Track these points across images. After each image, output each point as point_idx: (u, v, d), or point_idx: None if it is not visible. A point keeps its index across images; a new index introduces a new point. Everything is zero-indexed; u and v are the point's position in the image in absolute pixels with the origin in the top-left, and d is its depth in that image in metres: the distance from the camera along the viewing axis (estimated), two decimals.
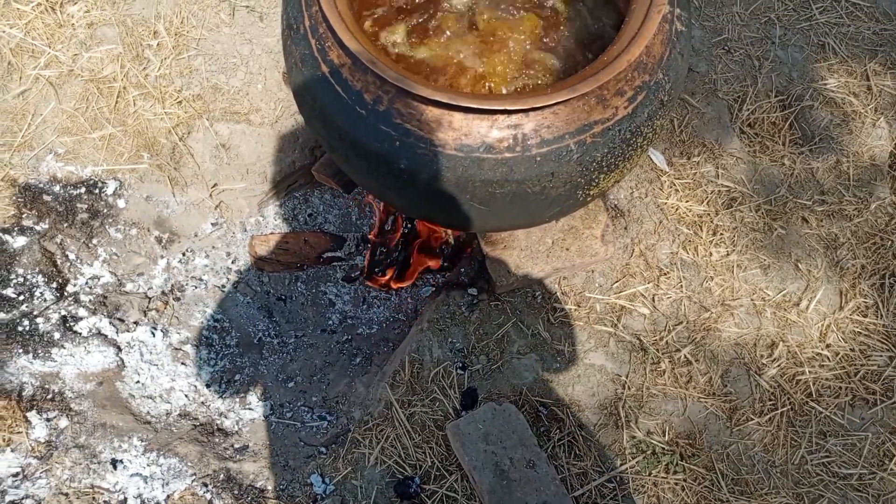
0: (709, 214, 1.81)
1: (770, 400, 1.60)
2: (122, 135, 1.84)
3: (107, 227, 1.81)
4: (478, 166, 1.21)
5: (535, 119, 1.19)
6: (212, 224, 1.96)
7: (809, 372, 1.63)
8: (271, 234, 1.99)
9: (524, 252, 1.64)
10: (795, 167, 1.87)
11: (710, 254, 1.76)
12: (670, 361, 1.62)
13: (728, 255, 1.76)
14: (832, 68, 2.01)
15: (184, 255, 1.90)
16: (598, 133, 1.22)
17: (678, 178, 1.84)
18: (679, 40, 1.32)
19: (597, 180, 1.30)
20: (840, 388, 1.62)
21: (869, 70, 2.00)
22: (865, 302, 1.72)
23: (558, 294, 1.67)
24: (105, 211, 1.81)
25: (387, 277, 1.84)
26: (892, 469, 1.54)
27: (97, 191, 1.82)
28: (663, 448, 1.55)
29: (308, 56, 1.27)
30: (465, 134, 1.19)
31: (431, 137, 1.20)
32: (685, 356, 1.63)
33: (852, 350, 1.66)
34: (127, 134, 1.85)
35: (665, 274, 1.72)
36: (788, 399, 1.60)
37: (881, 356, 1.66)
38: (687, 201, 1.81)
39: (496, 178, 1.22)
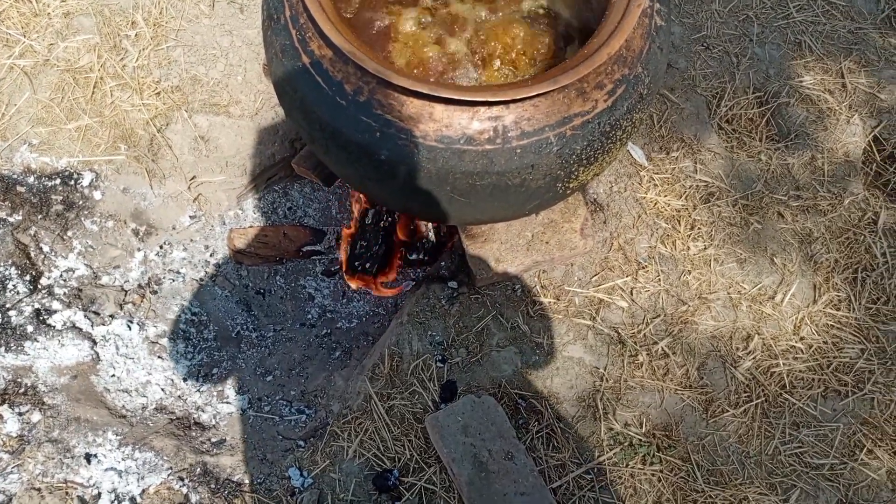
0: (687, 209, 1.82)
1: (745, 392, 1.62)
2: (99, 126, 1.82)
3: (82, 219, 1.78)
4: (458, 158, 1.21)
5: (515, 111, 1.19)
6: (190, 217, 1.94)
7: (783, 364, 1.65)
8: (250, 227, 1.97)
9: (504, 245, 1.65)
10: (772, 163, 1.90)
11: (688, 248, 1.78)
12: (648, 354, 1.64)
13: (705, 248, 1.78)
14: (808, 66, 2.04)
15: (161, 247, 1.88)
16: (578, 126, 1.23)
17: (657, 173, 1.86)
18: (658, 35, 1.33)
19: (576, 173, 1.30)
20: (813, 379, 1.64)
21: (844, 68, 2.03)
22: (838, 295, 1.75)
23: (538, 287, 1.68)
24: (80, 203, 1.79)
25: (372, 279, 1.83)
26: (862, 459, 1.57)
27: (72, 182, 1.80)
28: (640, 440, 1.56)
29: (288, 47, 1.27)
30: (446, 125, 1.19)
31: (412, 128, 1.20)
32: (662, 349, 1.65)
33: (825, 343, 1.69)
34: (104, 125, 1.82)
35: (643, 267, 1.73)
36: (763, 391, 1.62)
37: (853, 349, 1.68)
38: (665, 196, 1.83)
39: (476, 169, 1.22)
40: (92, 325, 1.73)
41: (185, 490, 1.54)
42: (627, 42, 1.25)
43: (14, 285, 1.70)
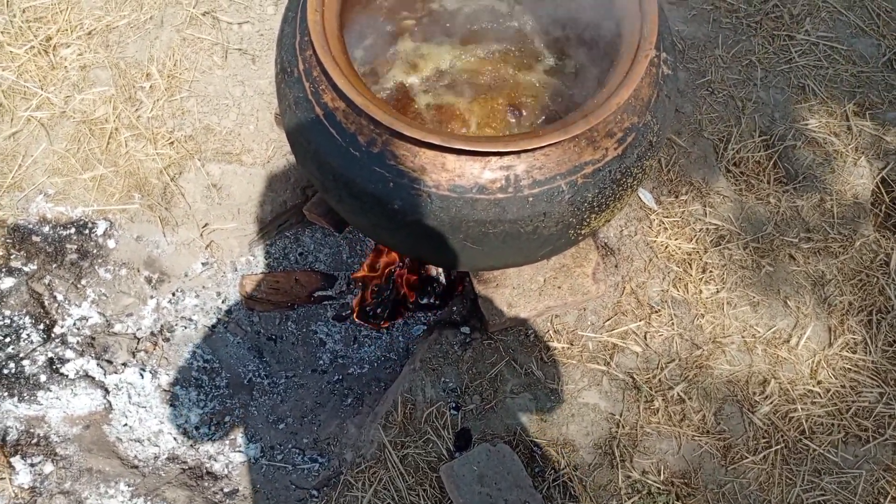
0: (698, 252, 1.82)
1: (763, 437, 1.60)
2: (114, 175, 1.85)
3: (96, 267, 1.80)
4: (471, 207, 1.22)
5: (526, 160, 1.20)
6: (202, 264, 1.95)
7: (802, 409, 1.63)
8: (262, 273, 1.98)
9: (516, 290, 1.65)
10: (781, 205, 1.90)
11: (701, 291, 1.77)
12: (663, 399, 1.62)
13: (718, 292, 1.77)
14: (813, 109, 2.06)
15: (174, 295, 1.89)
16: (589, 174, 1.24)
17: (667, 217, 1.87)
18: (666, 83, 1.35)
19: (588, 220, 1.31)
20: (832, 424, 1.62)
21: (848, 111, 2.05)
22: (854, 338, 1.73)
23: (551, 332, 1.68)
24: (95, 251, 1.81)
25: (381, 321, 1.83)
26: None
27: (87, 231, 1.81)
28: (659, 488, 1.53)
29: (302, 99, 1.29)
30: (459, 175, 1.21)
31: (425, 178, 1.21)
32: (678, 394, 1.63)
33: (843, 387, 1.67)
34: (118, 174, 1.85)
35: (656, 311, 1.73)
36: (782, 436, 1.60)
37: (871, 392, 1.67)
38: (676, 239, 1.83)
39: (489, 218, 1.23)
40: (105, 374, 1.73)
41: None
42: (636, 91, 1.27)
43: (28, 334, 1.70)
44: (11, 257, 1.76)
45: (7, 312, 1.71)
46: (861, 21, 2.21)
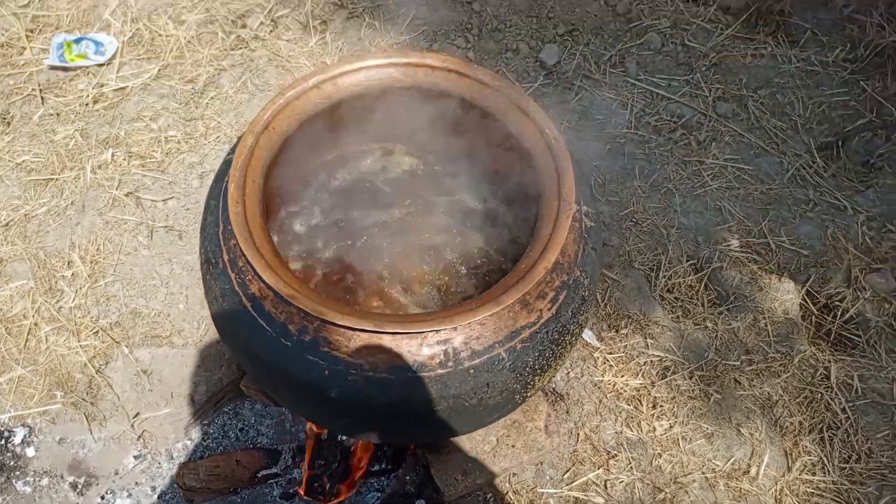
0: (646, 387, 1.81)
1: None
2: (33, 375, 1.74)
3: (13, 481, 1.65)
4: (411, 386, 1.18)
5: (463, 332, 1.18)
6: (134, 457, 1.82)
7: None
8: (200, 459, 1.86)
9: (469, 455, 1.58)
10: (718, 329, 1.93)
11: (654, 428, 1.74)
12: None
13: (671, 427, 1.75)
14: (732, 229, 2.14)
15: (103, 498, 1.74)
16: (527, 338, 1.22)
17: (610, 353, 1.86)
18: (590, 236, 1.38)
19: (532, 382, 1.28)
20: None
21: (764, 228, 2.14)
22: (811, 459, 1.72)
23: (510, 494, 1.60)
24: (11, 463, 1.66)
25: (331, 496, 1.73)
26: None
27: (2, 441, 1.68)
28: None
29: (228, 290, 1.26)
30: (395, 355, 1.17)
31: (361, 363, 1.17)
32: None
33: None
34: (38, 373, 1.75)
35: (613, 456, 1.69)
36: None
37: None
38: (622, 376, 1.82)
39: (431, 396, 1.19)
40: None
41: None
42: (562, 250, 1.29)
43: None
44: None
45: None
46: (762, 141, 2.36)
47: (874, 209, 2.17)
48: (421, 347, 1.17)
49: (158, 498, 1.79)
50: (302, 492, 1.80)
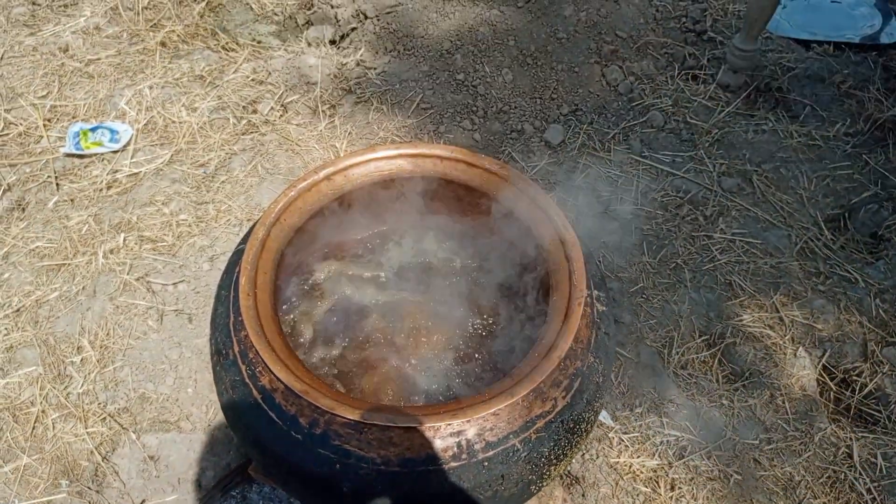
0: (663, 468, 1.77)
1: None
2: (38, 463, 1.71)
3: None
4: (424, 480, 1.16)
5: (477, 423, 1.17)
6: None
7: None
8: None
9: None
10: (734, 406, 1.89)
11: None
12: None
13: None
14: (743, 304, 2.13)
15: None
16: (542, 427, 1.20)
17: (625, 433, 1.83)
18: (602, 321, 1.37)
19: (548, 472, 1.25)
20: None
21: (776, 302, 2.13)
22: None
23: None
24: None
25: None
26: None
27: None
28: None
29: (239, 382, 1.25)
30: (407, 448, 1.15)
31: (373, 456, 1.15)
32: None
33: None
34: (43, 461, 1.72)
35: None
36: None
37: None
38: (638, 457, 1.78)
39: (445, 490, 1.16)
40: None
41: None
42: (576, 336, 1.28)
43: None
44: None
45: None
46: (768, 215, 2.37)
47: (886, 281, 2.15)
48: (434, 440, 1.15)
49: None
50: None
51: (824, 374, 1.99)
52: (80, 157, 2.34)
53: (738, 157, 2.50)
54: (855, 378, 1.96)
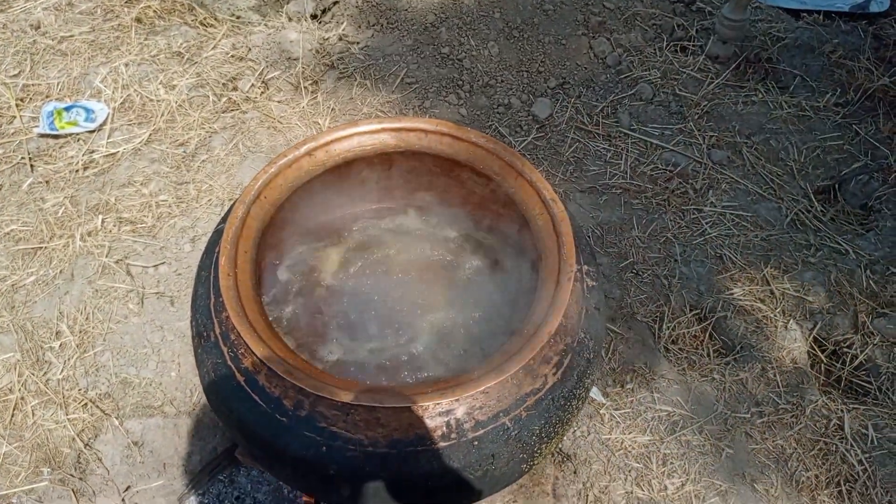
0: (654, 443, 1.75)
1: None
2: (19, 451, 1.68)
3: None
4: (414, 461, 1.13)
5: (466, 402, 1.14)
6: None
7: None
8: None
9: None
10: (726, 380, 1.88)
11: (665, 487, 1.68)
12: None
13: (683, 485, 1.69)
14: (734, 278, 2.11)
15: None
16: (532, 405, 1.18)
17: (616, 409, 1.81)
18: (592, 295, 1.34)
19: (539, 450, 1.23)
20: None
21: (767, 275, 2.11)
22: None
23: None
24: None
25: None
26: None
27: None
28: None
29: (221, 365, 1.21)
30: (395, 429, 1.12)
31: (360, 437, 1.12)
32: None
33: None
34: (24, 449, 1.68)
35: None
36: None
37: None
38: (630, 433, 1.77)
39: (434, 470, 1.14)
40: None
41: None
42: (565, 312, 1.25)
43: None
44: None
45: None
46: (758, 187, 2.35)
47: (876, 252, 2.14)
48: (422, 420, 1.13)
49: None
50: None
51: (815, 347, 1.98)
52: (55, 137, 2.27)
53: (727, 129, 2.47)
54: (846, 350, 1.95)
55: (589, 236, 2.18)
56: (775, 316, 2.02)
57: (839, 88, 2.58)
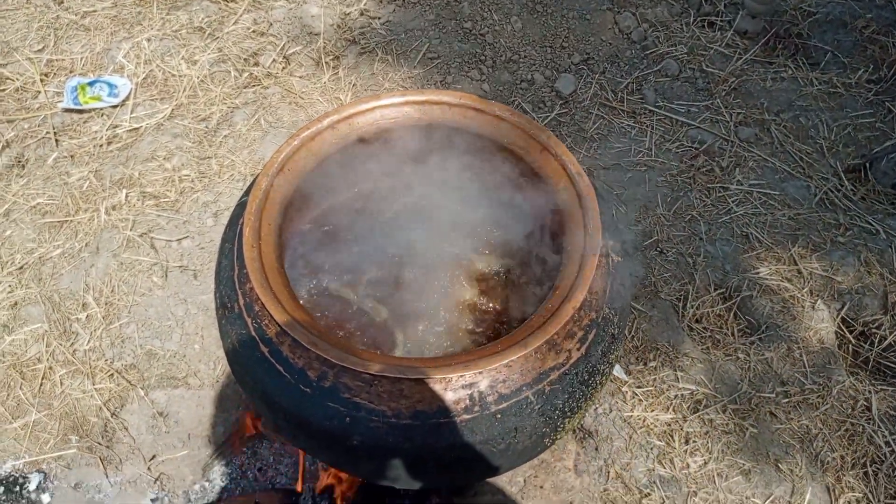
0: (677, 422, 1.74)
1: None
2: (48, 419, 1.70)
3: None
4: (436, 433, 1.13)
5: (489, 375, 1.13)
6: (151, 500, 1.77)
7: None
8: (218, 501, 1.81)
9: (496, 497, 1.52)
10: (750, 360, 1.86)
11: (688, 465, 1.67)
12: None
13: (706, 463, 1.68)
14: (760, 257, 2.08)
15: None
16: (556, 379, 1.17)
17: (639, 387, 1.80)
18: (618, 271, 1.33)
19: (562, 425, 1.23)
20: None
21: (794, 254, 2.08)
22: (855, 496, 1.64)
23: None
24: None
25: None
26: None
27: (17, 488, 1.64)
28: None
29: (245, 336, 1.21)
30: (419, 400, 1.12)
31: (384, 409, 1.12)
32: None
33: None
34: (52, 417, 1.71)
35: (646, 495, 1.61)
36: None
37: None
38: (652, 410, 1.76)
39: (457, 442, 1.14)
40: None
41: None
42: (590, 287, 1.24)
43: None
44: None
45: None
46: (787, 165, 2.30)
47: None
48: (445, 392, 1.12)
49: None
50: None
51: (843, 327, 1.95)
52: (79, 112, 2.28)
53: (755, 106, 2.42)
54: (874, 331, 1.92)
55: (613, 213, 2.16)
56: (802, 296, 1.99)
57: (872, 65, 2.51)
